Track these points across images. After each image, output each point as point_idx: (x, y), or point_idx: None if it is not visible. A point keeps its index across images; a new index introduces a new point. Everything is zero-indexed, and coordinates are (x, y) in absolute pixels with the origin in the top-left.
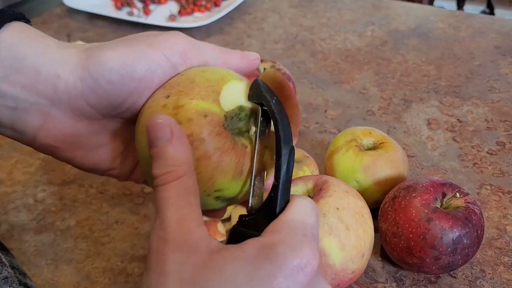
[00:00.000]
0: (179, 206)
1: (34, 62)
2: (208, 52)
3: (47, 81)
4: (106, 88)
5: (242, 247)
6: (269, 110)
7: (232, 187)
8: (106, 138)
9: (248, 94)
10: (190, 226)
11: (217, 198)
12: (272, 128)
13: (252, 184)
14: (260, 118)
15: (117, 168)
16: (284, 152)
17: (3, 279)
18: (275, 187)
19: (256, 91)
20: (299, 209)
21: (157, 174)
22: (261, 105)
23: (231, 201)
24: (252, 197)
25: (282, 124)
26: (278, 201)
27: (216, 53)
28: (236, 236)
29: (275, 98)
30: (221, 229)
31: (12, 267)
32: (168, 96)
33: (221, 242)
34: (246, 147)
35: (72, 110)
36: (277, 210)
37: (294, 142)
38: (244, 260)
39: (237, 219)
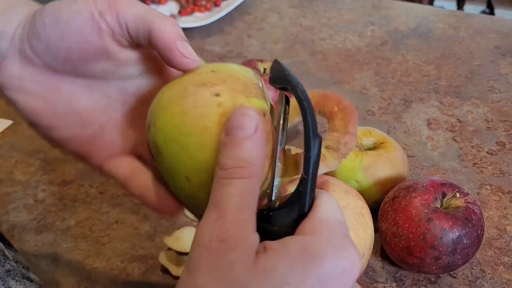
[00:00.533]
0: (242, 206)
1: None
2: (137, 11)
3: None
4: (40, 31)
5: (286, 247)
6: (296, 96)
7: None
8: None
9: (270, 77)
10: (247, 230)
11: None
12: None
13: (275, 177)
14: (283, 106)
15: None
16: (314, 143)
17: (6, 271)
18: (304, 180)
19: (278, 73)
20: (331, 207)
21: (227, 165)
22: (284, 89)
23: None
24: (274, 192)
25: (310, 112)
26: (308, 196)
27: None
28: (261, 233)
29: (300, 83)
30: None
31: (16, 261)
32: (218, 95)
33: None
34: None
35: (23, 56)
36: (306, 206)
37: (352, 145)
38: (292, 261)
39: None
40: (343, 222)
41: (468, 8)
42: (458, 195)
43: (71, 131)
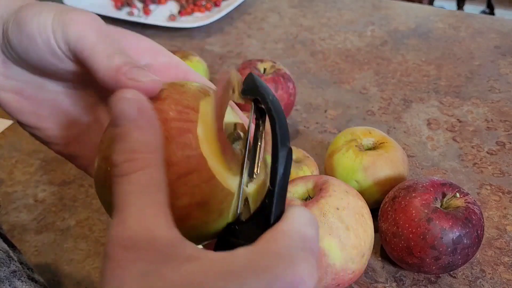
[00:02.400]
0: (144, 204)
1: None
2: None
3: None
4: (10, 38)
5: (227, 257)
6: (266, 107)
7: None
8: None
9: (242, 89)
10: (157, 228)
11: None
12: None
13: (241, 189)
14: (252, 116)
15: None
16: (282, 154)
17: (12, 272)
18: (270, 192)
19: (250, 85)
20: (298, 219)
21: (117, 161)
22: (256, 101)
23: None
24: (240, 204)
25: (280, 123)
26: (273, 209)
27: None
28: (224, 247)
29: (271, 94)
30: None
31: (20, 262)
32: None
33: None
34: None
35: (5, 55)
36: (272, 219)
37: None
38: (227, 272)
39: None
40: (307, 236)
41: (468, 8)
42: (458, 195)
43: (56, 131)
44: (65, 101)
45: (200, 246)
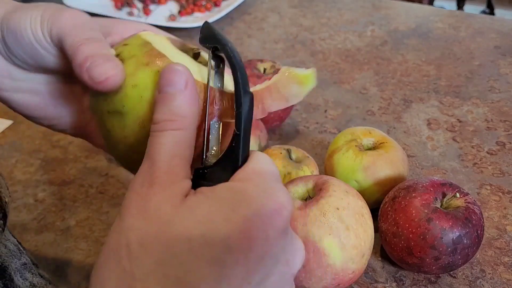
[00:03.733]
0: (173, 154)
1: None
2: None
3: None
4: (5, 37)
5: (215, 190)
6: (226, 55)
7: None
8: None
9: (199, 37)
10: (178, 175)
11: None
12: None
13: (206, 135)
14: (210, 63)
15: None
16: (245, 100)
17: (22, 264)
18: (236, 136)
19: (208, 34)
20: (262, 159)
21: (158, 119)
22: (214, 49)
23: None
24: (207, 150)
25: (241, 70)
26: (240, 151)
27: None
28: (194, 188)
29: (230, 42)
30: None
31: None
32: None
33: None
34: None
35: (6, 56)
36: (240, 161)
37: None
38: (219, 201)
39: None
40: (275, 172)
41: (468, 8)
42: (458, 195)
43: (72, 118)
44: (72, 91)
45: None
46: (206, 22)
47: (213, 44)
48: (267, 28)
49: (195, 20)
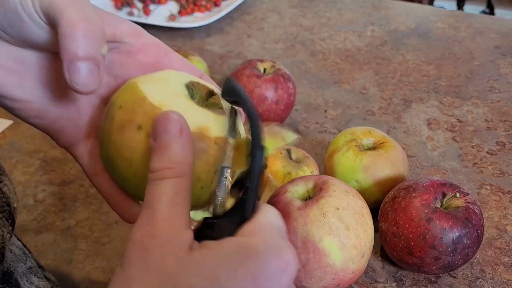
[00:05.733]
0: (173, 204)
1: None
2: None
3: None
4: None
5: (221, 244)
6: (245, 110)
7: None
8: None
9: (221, 91)
10: (180, 225)
11: None
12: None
13: (220, 186)
14: (231, 118)
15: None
16: (259, 154)
17: (28, 268)
18: (248, 189)
19: (229, 88)
20: (271, 213)
21: (156, 168)
22: (235, 103)
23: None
24: (217, 201)
25: (257, 125)
26: (250, 203)
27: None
28: (201, 240)
29: (250, 98)
30: (191, 214)
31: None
32: (139, 127)
33: None
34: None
35: None
36: (248, 213)
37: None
38: (225, 257)
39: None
40: (281, 227)
41: (468, 8)
42: (458, 195)
43: (41, 105)
44: (51, 75)
45: None
46: (230, 78)
47: (233, 98)
48: (267, 28)
49: (195, 20)
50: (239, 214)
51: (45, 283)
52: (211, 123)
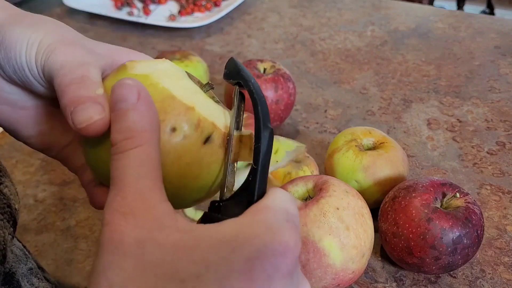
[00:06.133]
0: (140, 176)
1: None
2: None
3: None
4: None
5: (217, 227)
6: (248, 90)
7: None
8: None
9: (224, 72)
10: (153, 199)
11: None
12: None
13: (227, 168)
14: (237, 99)
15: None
16: (264, 134)
17: (29, 269)
18: (253, 170)
19: (232, 69)
20: (280, 197)
21: (116, 139)
22: (238, 84)
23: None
24: (225, 186)
25: (262, 105)
26: (257, 186)
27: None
28: (209, 222)
29: (253, 78)
30: (191, 214)
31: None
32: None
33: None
34: None
35: None
36: (255, 195)
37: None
38: (218, 240)
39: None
40: (290, 211)
41: (468, 8)
42: (458, 195)
43: (49, 137)
44: (57, 109)
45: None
46: (231, 58)
47: (236, 79)
48: (267, 28)
49: (195, 20)
50: (246, 197)
51: (45, 284)
52: (221, 117)
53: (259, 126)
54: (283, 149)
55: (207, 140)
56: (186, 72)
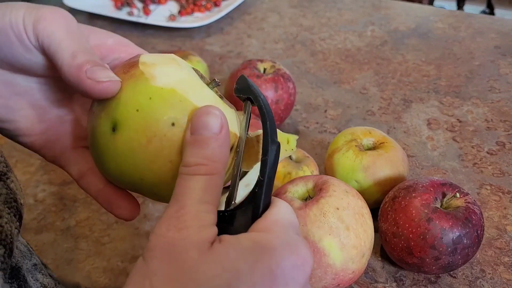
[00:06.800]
0: (202, 200)
1: None
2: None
3: None
4: None
5: (239, 239)
6: (258, 105)
7: None
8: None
9: (235, 88)
10: (207, 222)
11: None
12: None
13: (237, 179)
14: (246, 115)
15: (33, 135)
16: (272, 148)
17: (33, 265)
18: (260, 182)
19: (243, 85)
20: (285, 209)
21: (190, 163)
22: (248, 99)
23: None
24: (231, 193)
25: (270, 120)
26: (263, 197)
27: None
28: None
29: (262, 94)
30: None
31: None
32: (173, 124)
33: None
34: None
35: None
36: (261, 207)
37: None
38: (244, 251)
39: None
40: (294, 223)
41: (468, 8)
42: (458, 195)
43: (28, 123)
44: (37, 95)
45: None
46: (242, 75)
47: (247, 95)
48: (267, 28)
49: (195, 20)
50: (252, 208)
51: (49, 280)
52: (234, 122)
53: (267, 140)
54: (292, 138)
55: (230, 149)
56: (192, 68)
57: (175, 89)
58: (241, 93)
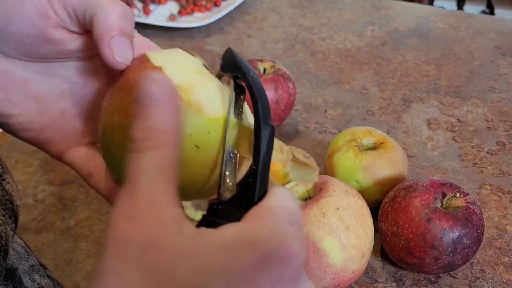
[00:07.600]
0: (155, 180)
1: None
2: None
3: None
4: None
5: (219, 232)
6: (247, 84)
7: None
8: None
9: (220, 64)
10: (163, 205)
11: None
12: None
13: (224, 169)
14: (233, 94)
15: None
16: (264, 132)
17: (30, 266)
18: (253, 171)
19: (230, 62)
20: (281, 196)
21: (136, 137)
22: (236, 77)
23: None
24: (222, 184)
25: (261, 100)
26: (257, 187)
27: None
28: (208, 227)
29: (252, 70)
30: (191, 214)
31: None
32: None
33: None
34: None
35: None
36: (256, 197)
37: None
38: (221, 246)
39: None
40: (293, 211)
41: (468, 8)
42: (458, 195)
43: (29, 117)
44: (37, 87)
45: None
46: (228, 49)
47: (234, 72)
48: (267, 28)
49: (195, 20)
50: (246, 199)
51: (47, 281)
52: (217, 98)
53: (258, 123)
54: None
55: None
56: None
57: (181, 86)
58: (227, 70)
